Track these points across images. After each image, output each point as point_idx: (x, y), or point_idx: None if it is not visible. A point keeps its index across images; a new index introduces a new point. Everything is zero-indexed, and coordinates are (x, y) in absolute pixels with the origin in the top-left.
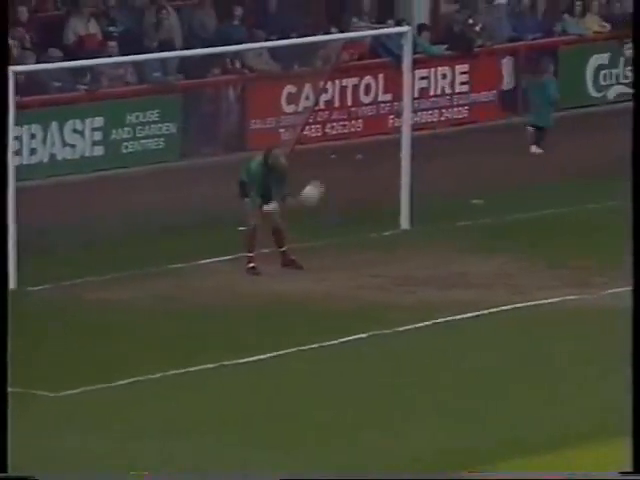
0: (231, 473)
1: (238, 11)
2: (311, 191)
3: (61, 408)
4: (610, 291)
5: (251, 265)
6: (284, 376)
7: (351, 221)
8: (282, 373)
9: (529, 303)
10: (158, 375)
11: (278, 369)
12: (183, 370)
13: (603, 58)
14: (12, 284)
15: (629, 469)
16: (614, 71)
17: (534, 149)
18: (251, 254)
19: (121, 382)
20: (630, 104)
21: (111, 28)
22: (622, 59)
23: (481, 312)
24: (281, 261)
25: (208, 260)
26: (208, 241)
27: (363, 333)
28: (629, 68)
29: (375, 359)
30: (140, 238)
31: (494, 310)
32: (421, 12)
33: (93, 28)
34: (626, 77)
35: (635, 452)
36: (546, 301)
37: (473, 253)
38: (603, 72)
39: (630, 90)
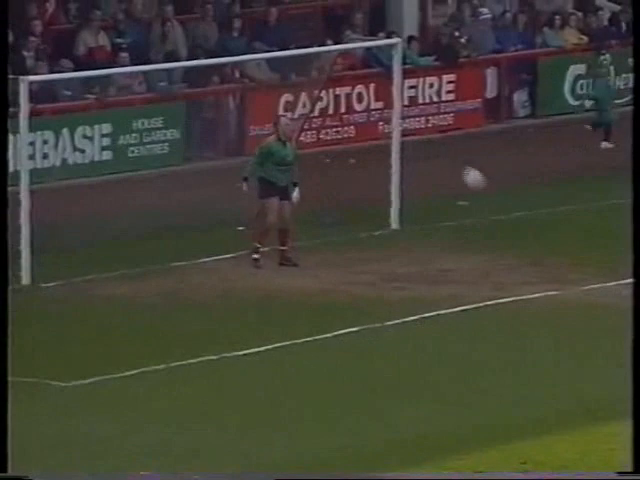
0: (229, 473)
1: (237, 24)
2: (475, 176)
3: (72, 397)
4: (585, 287)
5: (256, 257)
6: (282, 367)
7: (344, 221)
8: (280, 364)
9: (510, 299)
10: (162, 366)
11: (277, 360)
12: (186, 362)
13: (581, 69)
14: (26, 280)
15: (606, 453)
16: (588, 80)
17: (605, 145)
18: (261, 248)
19: (128, 373)
20: None
21: (119, 40)
22: (591, 69)
23: (465, 307)
24: (279, 259)
25: (210, 258)
26: (210, 240)
27: (355, 327)
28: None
29: (366, 351)
30: (145, 237)
31: (477, 305)
32: (410, 25)
33: (102, 40)
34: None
35: (635, 452)
36: (526, 297)
37: (458, 251)
38: (580, 82)
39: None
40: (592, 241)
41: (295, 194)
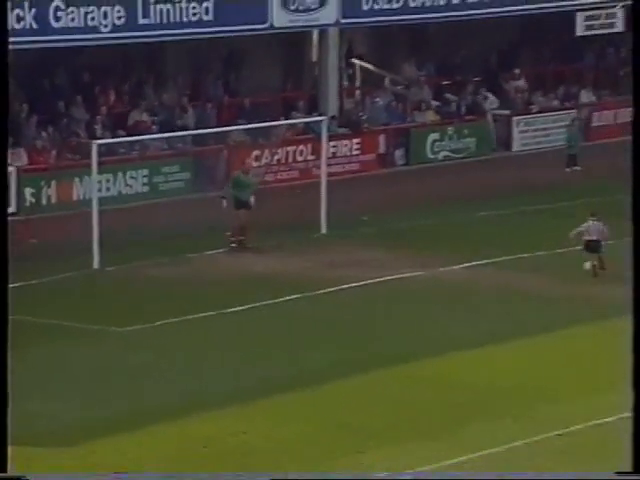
0: (229, 473)
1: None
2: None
3: (124, 339)
4: (442, 269)
5: (234, 245)
6: (254, 319)
7: (292, 228)
8: (253, 318)
9: (394, 276)
10: (193, 316)
11: (251, 315)
12: (191, 317)
13: (436, 136)
14: (96, 266)
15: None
16: (442, 143)
17: (570, 169)
18: (240, 237)
19: (158, 323)
20: (450, 162)
21: (154, 118)
22: (446, 136)
23: (367, 282)
24: (239, 245)
25: (211, 251)
26: (209, 240)
27: (298, 294)
28: (453, 140)
29: (307, 312)
30: (170, 238)
31: (373, 281)
32: (333, 108)
33: (144, 117)
34: (449, 146)
35: (635, 452)
36: (403, 275)
37: (364, 248)
38: (436, 144)
39: (450, 154)
40: (448, 241)
41: (252, 201)
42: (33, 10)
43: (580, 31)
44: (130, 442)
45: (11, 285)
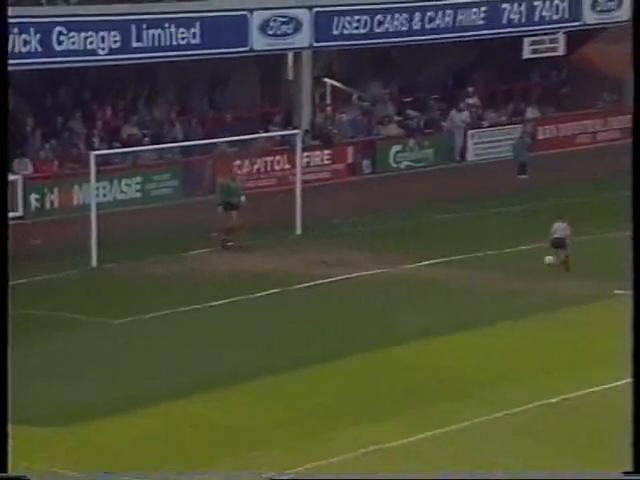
0: (228, 473)
1: (210, 122)
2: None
3: (117, 330)
4: (406, 266)
5: (229, 244)
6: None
7: (270, 230)
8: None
9: (362, 273)
10: (183, 309)
11: (231, 310)
12: (198, 306)
13: (399, 148)
14: (94, 263)
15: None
16: (404, 154)
17: (520, 177)
18: (227, 239)
19: (150, 315)
20: (412, 170)
21: (145, 131)
22: (408, 147)
23: (337, 278)
24: (230, 243)
25: (205, 250)
26: (197, 241)
27: (276, 289)
28: (414, 151)
29: (283, 305)
30: (163, 239)
31: (344, 277)
32: (306, 123)
33: (135, 131)
34: (411, 157)
35: (635, 452)
36: (371, 272)
37: (334, 248)
38: (399, 155)
39: (412, 163)
40: (411, 241)
41: (242, 200)
42: (38, 35)
43: (527, 54)
44: (125, 423)
45: (18, 281)
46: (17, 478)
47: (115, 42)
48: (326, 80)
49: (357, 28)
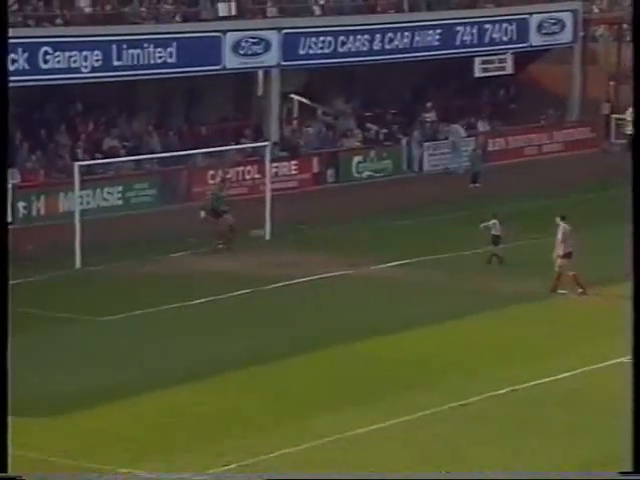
0: (228, 473)
1: (187, 135)
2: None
3: (104, 328)
4: (368, 268)
5: (221, 247)
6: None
7: (241, 234)
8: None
9: (328, 275)
10: (163, 307)
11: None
12: (177, 305)
13: (360, 159)
14: (78, 265)
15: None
16: (365, 164)
17: (472, 186)
18: (220, 243)
19: (131, 313)
20: (373, 180)
21: (125, 143)
22: (369, 158)
23: (304, 279)
24: (227, 245)
25: (182, 253)
26: (181, 244)
27: (247, 289)
28: (374, 162)
29: (253, 302)
30: (148, 244)
31: (311, 278)
32: (275, 135)
33: (116, 143)
34: (372, 167)
35: (635, 452)
36: (335, 273)
37: (300, 252)
38: (360, 165)
39: (373, 173)
40: (372, 245)
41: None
42: (25, 54)
43: (478, 73)
44: (108, 411)
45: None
46: (12, 478)
47: (97, 61)
48: (293, 96)
49: (322, 48)
